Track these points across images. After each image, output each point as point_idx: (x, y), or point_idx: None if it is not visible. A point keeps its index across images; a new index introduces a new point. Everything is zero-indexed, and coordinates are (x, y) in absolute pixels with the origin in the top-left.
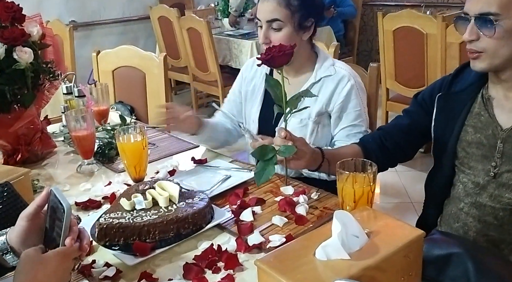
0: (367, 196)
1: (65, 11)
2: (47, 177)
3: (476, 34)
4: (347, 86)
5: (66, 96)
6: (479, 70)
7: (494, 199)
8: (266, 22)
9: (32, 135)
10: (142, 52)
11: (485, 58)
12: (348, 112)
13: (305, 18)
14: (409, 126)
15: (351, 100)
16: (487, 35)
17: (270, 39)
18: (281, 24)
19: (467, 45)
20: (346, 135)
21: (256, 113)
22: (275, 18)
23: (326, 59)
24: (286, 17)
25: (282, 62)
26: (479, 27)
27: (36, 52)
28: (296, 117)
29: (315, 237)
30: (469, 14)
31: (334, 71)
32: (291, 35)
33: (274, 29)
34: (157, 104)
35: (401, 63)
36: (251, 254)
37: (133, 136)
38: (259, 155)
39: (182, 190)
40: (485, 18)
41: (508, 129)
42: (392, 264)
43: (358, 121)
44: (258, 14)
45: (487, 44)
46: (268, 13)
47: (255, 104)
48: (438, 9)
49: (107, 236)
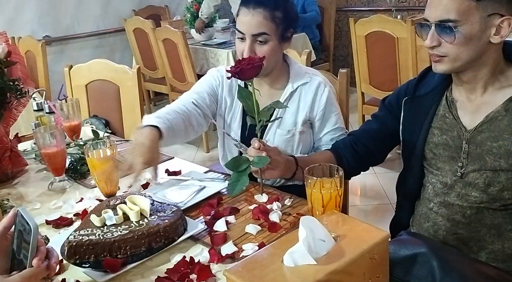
0: (335, 200)
1: (38, 26)
2: (17, 196)
3: (437, 40)
4: (325, 92)
5: (37, 113)
6: (441, 72)
7: (462, 198)
8: (252, 35)
9: (1, 154)
10: (115, 65)
11: (447, 61)
12: (330, 117)
13: (287, 29)
14: (379, 131)
15: (331, 105)
16: (447, 41)
17: (255, 53)
18: (267, 38)
19: (429, 50)
20: (330, 139)
21: (238, 128)
22: (262, 32)
23: (299, 68)
24: (272, 30)
25: (252, 75)
26: (439, 33)
27: (2, 70)
28: (282, 128)
29: (283, 244)
30: (429, 21)
31: (309, 78)
32: (276, 47)
33: (260, 43)
34: (133, 117)
35: (375, 67)
36: (224, 264)
37: (103, 151)
38: (232, 167)
39: (154, 203)
40: (444, 25)
41: (472, 130)
42: (358, 267)
43: (339, 124)
44: (241, 26)
45: (448, 50)
46: (254, 27)
47: (235, 120)
48: (410, 13)
49: (77, 254)
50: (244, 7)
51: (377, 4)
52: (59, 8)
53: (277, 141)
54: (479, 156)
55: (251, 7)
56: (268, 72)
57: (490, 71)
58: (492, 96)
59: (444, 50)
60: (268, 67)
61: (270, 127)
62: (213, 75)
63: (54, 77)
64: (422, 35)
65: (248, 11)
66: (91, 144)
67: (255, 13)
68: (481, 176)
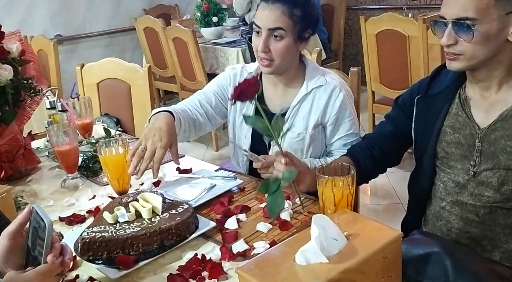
0: (346, 199)
1: (50, 25)
2: (31, 193)
3: (454, 38)
4: (339, 96)
5: (49, 111)
6: (456, 70)
7: (475, 197)
8: (268, 30)
9: (15, 151)
10: (126, 64)
11: (463, 60)
12: (344, 122)
13: (305, 29)
14: (394, 133)
15: (345, 110)
16: (464, 40)
17: (270, 48)
18: (283, 33)
19: (445, 48)
20: (343, 145)
21: (249, 128)
22: (279, 26)
23: (316, 70)
24: (288, 26)
25: (254, 92)
26: (457, 31)
27: (16, 69)
28: (293, 131)
29: (295, 242)
30: (446, 19)
31: (325, 81)
32: (290, 45)
33: (275, 38)
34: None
35: (385, 65)
36: (236, 262)
37: (115, 149)
38: (265, 190)
39: (166, 201)
40: (462, 23)
41: (485, 128)
42: (371, 266)
43: (353, 130)
44: (258, 21)
45: (464, 48)
46: (271, 21)
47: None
48: (421, 11)
49: (90, 251)
50: (263, 1)
51: (388, 2)
52: (70, 7)
53: (287, 143)
54: (493, 154)
55: (270, 1)
56: (283, 71)
57: (505, 69)
58: (506, 94)
59: (460, 49)
60: (282, 66)
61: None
62: (226, 75)
63: (65, 76)
64: (437, 32)
65: (266, 5)
66: (103, 142)
67: (274, 7)
68: (494, 175)
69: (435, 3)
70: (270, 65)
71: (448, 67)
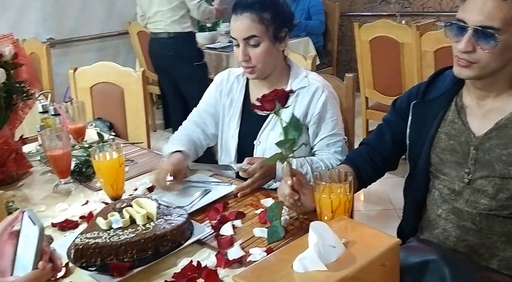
0: (344, 206)
1: (42, 29)
2: (22, 198)
3: (473, 45)
4: (322, 97)
5: (42, 115)
6: (465, 77)
7: (470, 205)
8: (243, 40)
9: (7, 156)
10: (120, 67)
11: (475, 68)
12: (326, 122)
13: (279, 29)
14: (392, 139)
15: (328, 110)
16: (483, 48)
17: (250, 56)
18: (258, 40)
19: (460, 54)
20: (326, 145)
21: (236, 129)
22: (252, 34)
23: (299, 71)
24: (261, 32)
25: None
26: (477, 39)
27: (9, 72)
28: (276, 130)
29: (292, 249)
30: (466, 23)
31: (308, 82)
32: (269, 48)
33: (252, 46)
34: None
35: (379, 72)
36: (231, 269)
37: (109, 154)
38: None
39: (160, 206)
40: (485, 31)
41: (481, 136)
42: (369, 274)
43: (336, 130)
44: (233, 32)
45: (481, 57)
46: (243, 31)
47: (233, 119)
48: (413, 19)
49: (83, 257)
50: (233, 14)
51: (381, 9)
52: (63, 10)
53: (270, 142)
54: (488, 163)
55: (239, 12)
56: (268, 74)
57: (507, 80)
58: (503, 102)
59: (476, 57)
60: (265, 69)
61: (263, 130)
62: (212, 85)
63: (57, 80)
64: (451, 36)
65: (236, 17)
66: (97, 146)
67: (242, 17)
68: (489, 183)
69: (427, 11)
70: (254, 71)
71: (457, 73)
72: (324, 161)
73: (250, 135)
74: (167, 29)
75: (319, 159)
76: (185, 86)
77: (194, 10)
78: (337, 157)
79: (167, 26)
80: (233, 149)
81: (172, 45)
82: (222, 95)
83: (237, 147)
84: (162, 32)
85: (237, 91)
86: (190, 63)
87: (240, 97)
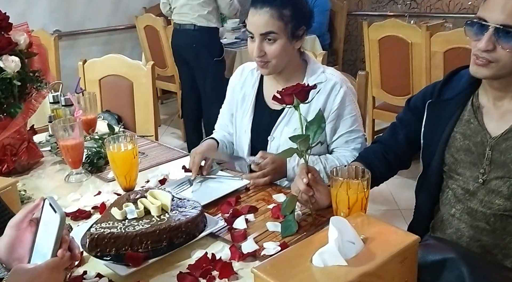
0: (361, 203)
1: (49, 21)
2: (34, 187)
3: (493, 44)
4: (340, 92)
5: (52, 105)
6: (482, 77)
7: (485, 205)
8: (260, 35)
9: (19, 145)
10: (130, 61)
11: (493, 67)
12: (345, 119)
13: (297, 27)
14: (406, 138)
15: (346, 106)
16: (504, 48)
17: (265, 52)
18: (275, 36)
19: (479, 53)
20: (345, 142)
21: (248, 123)
22: (270, 30)
23: (316, 66)
24: (280, 28)
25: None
26: (498, 38)
27: (23, 61)
28: (290, 126)
29: (310, 244)
30: (488, 22)
31: (325, 78)
32: (285, 45)
33: (268, 42)
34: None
35: (387, 71)
36: (246, 262)
37: (124, 145)
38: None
39: (174, 199)
40: (507, 30)
41: (497, 137)
42: (388, 270)
43: (355, 126)
44: (250, 27)
45: (500, 56)
46: (261, 26)
47: (246, 114)
48: (421, 19)
49: (98, 247)
50: (252, 7)
51: (388, 9)
52: (70, 3)
53: (283, 138)
54: (503, 163)
55: (258, 6)
56: (281, 70)
57: None
58: None
59: (496, 56)
60: (279, 66)
61: (277, 125)
62: (230, 83)
63: (64, 72)
64: (471, 34)
65: (255, 11)
66: (112, 137)
67: (262, 12)
68: (504, 184)
69: (435, 12)
70: (267, 66)
71: (473, 73)
72: (340, 159)
73: (264, 130)
74: (193, 22)
75: (334, 157)
76: (201, 79)
77: (226, 7)
78: (355, 154)
79: (194, 19)
80: (246, 144)
81: (197, 38)
82: (235, 90)
83: (250, 143)
84: (189, 24)
85: (251, 85)
86: (211, 57)
87: (253, 91)
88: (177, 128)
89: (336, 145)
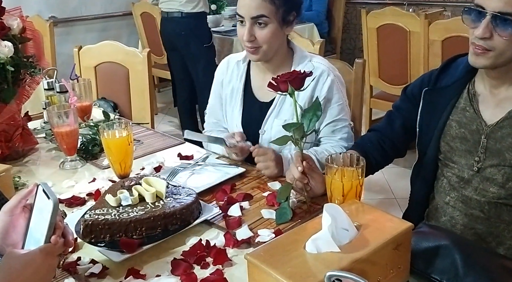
0: (355, 190)
1: (45, 6)
2: (28, 174)
3: (490, 32)
4: (327, 81)
5: (47, 92)
6: (480, 66)
7: (479, 193)
8: (250, 18)
9: (13, 131)
10: (126, 48)
11: (491, 56)
12: (332, 107)
13: (288, 12)
14: (403, 126)
15: (334, 94)
16: (501, 35)
17: (255, 36)
18: (266, 20)
19: (476, 41)
20: (331, 131)
21: (238, 117)
22: (261, 14)
23: (303, 55)
24: (271, 12)
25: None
26: (495, 25)
27: (17, 46)
28: (280, 118)
29: (304, 230)
30: (485, 9)
31: (312, 66)
32: (276, 31)
33: (259, 26)
34: (141, 101)
35: (385, 60)
36: (240, 249)
37: (118, 131)
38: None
39: (169, 186)
40: (504, 17)
41: (492, 125)
42: (382, 257)
43: (342, 115)
44: (240, 10)
45: (498, 44)
46: (253, 9)
47: (236, 107)
48: (420, 7)
49: (93, 233)
50: None
51: None
52: None
53: (274, 131)
54: (498, 151)
55: None
56: (271, 57)
57: None
58: None
59: (493, 44)
60: (269, 52)
61: (267, 118)
62: (217, 79)
63: (59, 59)
64: (469, 22)
65: None
66: (106, 124)
67: None
68: (499, 172)
69: (434, 0)
70: (257, 52)
71: (472, 63)
72: (329, 151)
73: (254, 124)
74: (180, 9)
75: (323, 149)
76: (192, 66)
77: None
78: (342, 144)
79: (181, 6)
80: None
81: (185, 24)
82: (223, 86)
83: None
84: (176, 12)
85: (238, 78)
86: (200, 43)
87: (241, 84)
88: (175, 116)
89: (322, 134)
